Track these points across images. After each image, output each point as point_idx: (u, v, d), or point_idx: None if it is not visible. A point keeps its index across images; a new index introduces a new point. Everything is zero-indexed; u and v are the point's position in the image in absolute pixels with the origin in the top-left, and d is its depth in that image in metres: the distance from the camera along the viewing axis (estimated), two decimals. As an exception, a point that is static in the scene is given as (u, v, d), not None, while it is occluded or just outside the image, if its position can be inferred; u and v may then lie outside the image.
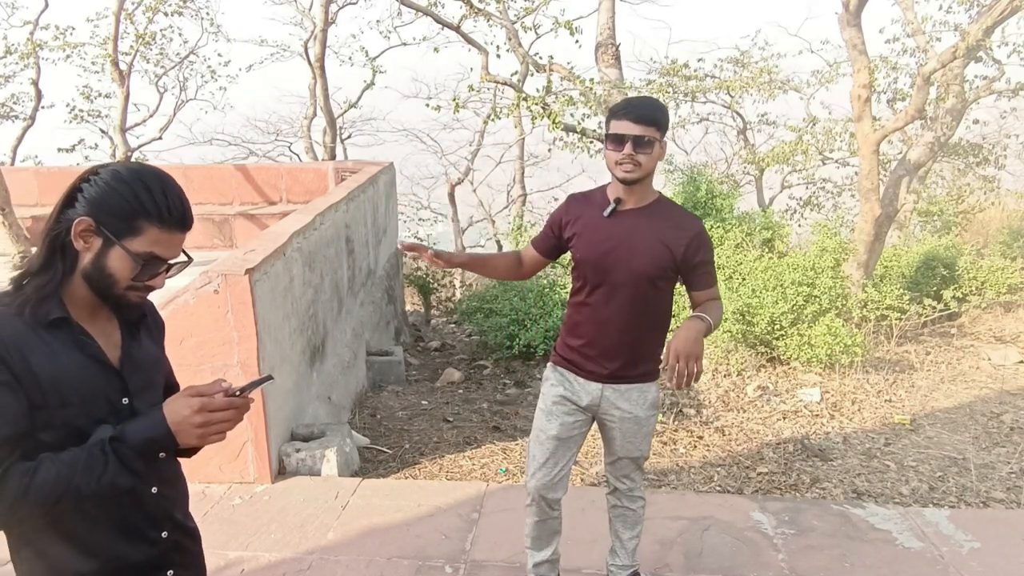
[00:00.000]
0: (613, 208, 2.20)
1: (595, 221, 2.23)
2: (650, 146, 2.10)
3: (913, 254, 8.88)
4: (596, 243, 2.22)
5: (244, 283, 3.36)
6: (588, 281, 2.26)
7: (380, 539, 3.14)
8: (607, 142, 2.14)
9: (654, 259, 2.17)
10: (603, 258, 2.20)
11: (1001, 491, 4.32)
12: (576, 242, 2.27)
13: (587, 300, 2.28)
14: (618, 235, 2.19)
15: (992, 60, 8.65)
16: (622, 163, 2.10)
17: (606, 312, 2.25)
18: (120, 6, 11.05)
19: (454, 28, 8.83)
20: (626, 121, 2.08)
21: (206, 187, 9.05)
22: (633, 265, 2.17)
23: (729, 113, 14.01)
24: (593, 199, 2.30)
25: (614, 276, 2.20)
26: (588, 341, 2.30)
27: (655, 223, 2.20)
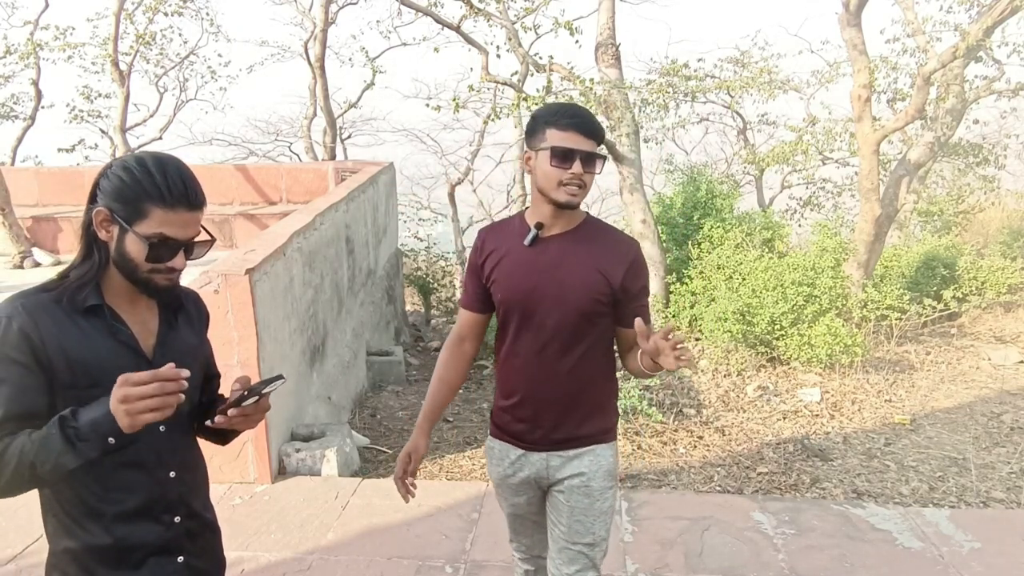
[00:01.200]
0: (535, 235, 1.82)
1: (515, 253, 1.85)
2: (598, 165, 1.78)
3: (913, 254, 8.88)
4: (518, 279, 1.84)
5: (244, 283, 3.36)
6: (514, 325, 1.88)
7: (380, 539, 3.14)
8: (551, 157, 1.73)
9: (588, 290, 1.81)
10: (528, 296, 1.83)
11: (1001, 491, 4.32)
12: (495, 281, 1.88)
13: (515, 349, 1.89)
14: (543, 266, 1.82)
15: (992, 60, 8.64)
16: (568, 184, 1.73)
17: (539, 361, 1.86)
18: (120, 6, 11.05)
19: (454, 28, 8.83)
20: (575, 134, 1.73)
21: (206, 187, 8.89)
22: (565, 300, 1.81)
23: (729, 113, 14.01)
24: (510, 228, 1.92)
25: (543, 316, 1.83)
26: (521, 399, 1.90)
27: (586, 248, 1.83)
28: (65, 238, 8.43)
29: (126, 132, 12.32)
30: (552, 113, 1.77)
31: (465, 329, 2.01)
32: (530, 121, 1.83)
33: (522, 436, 1.93)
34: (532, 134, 1.80)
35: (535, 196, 1.83)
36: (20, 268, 7.80)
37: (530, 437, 1.92)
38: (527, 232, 1.85)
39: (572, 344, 1.85)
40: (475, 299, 1.97)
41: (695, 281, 7.63)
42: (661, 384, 6.22)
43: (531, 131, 1.81)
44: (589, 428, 1.91)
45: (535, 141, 1.79)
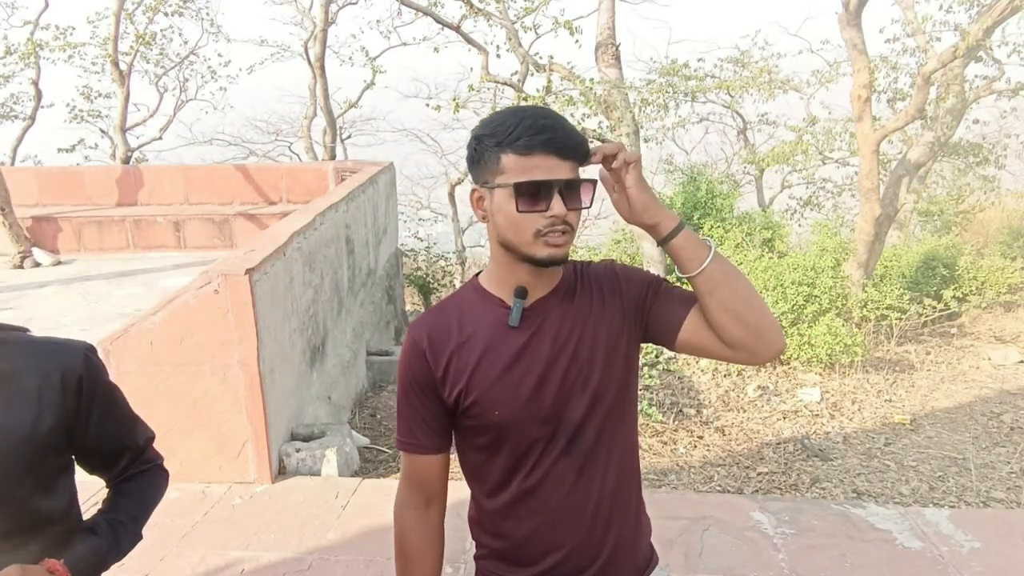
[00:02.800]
0: (520, 308, 1.22)
1: (495, 346, 1.22)
2: (586, 195, 1.19)
3: (913, 254, 8.89)
4: (520, 378, 1.22)
5: (244, 283, 3.36)
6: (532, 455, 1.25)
7: (380, 539, 3.14)
8: (516, 198, 1.14)
9: (618, 355, 1.26)
10: (545, 402, 1.22)
11: (1001, 491, 4.32)
12: (476, 393, 1.22)
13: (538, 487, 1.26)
14: (548, 347, 1.23)
15: (992, 60, 8.65)
16: (550, 233, 1.15)
17: (581, 487, 1.26)
18: (120, 6, 11.06)
19: (454, 28, 8.83)
20: (544, 155, 1.13)
21: (206, 187, 9.05)
22: (593, 383, 1.23)
23: (729, 113, 14.02)
24: (465, 309, 1.27)
25: (574, 418, 1.23)
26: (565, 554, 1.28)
27: (587, 299, 1.27)
28: (65, 238, 8.44)
29: (126, 132, 12.33)
30: (505, 129, 1.14)
31: (429, 484, 1.32)
32: (471, 144, 1.20)
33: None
34: (478, 163, 1.19)
35: (499, 254, 1.23)
36: (20, 268, 7.80)
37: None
38: (495, 307, 1.25)
39: (615, 437, 1.28)
40: (434, 433, 1.28)
41: (695, 281, 7.62)
42: (661, 384, 6.23)
43: (476, 158, 1.19)
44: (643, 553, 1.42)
45: (486, 174, 1.18)
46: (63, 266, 8.00)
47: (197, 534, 3.16)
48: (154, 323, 3.41)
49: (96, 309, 6.42)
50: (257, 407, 3.50)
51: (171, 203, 9.05)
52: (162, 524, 3.23)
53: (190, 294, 3.39)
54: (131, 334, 3.42)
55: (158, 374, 3.46)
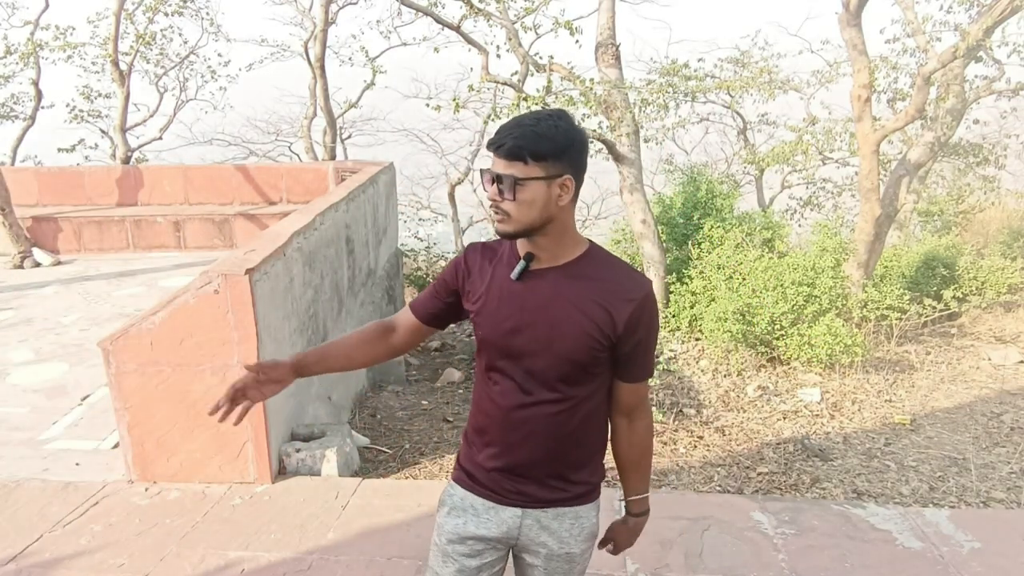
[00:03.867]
0: (523, 267, 1.55)
1: (501, 286, 1.58)
2: (521, 188, 1.44)
3: (913, 254, 8.88)
4: (503, 317, 1.57)
5: (244, 283, 3.36)
6: (495, 368, 1.62)
7: (380, 539, 3.14)
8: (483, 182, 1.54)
9: (582, 337, 1.53)
10: (512, 338, 1.56)
11: (1001, 491, 4.32)
12: (479, 315, 1.61)
13: (494, 395, 1.63)
14: (533, 305, 1.55)
15: (992, 60, 8.65)
16: (494, 211, 1.50)
17: (520, 413, 1.60)
18: (120, 6, 11.06)
19: (454, 28, 8.83)
20: (492, 154, 1.48)
21: (206, 187, 9.05)
22: (555, 346, 1.54)
23: (729, 113, 14.01)
24: (499, 254, 1.64)
25: (530, 362, 1.56)
26: (498, 451, 1.63)
27: (584, 286, 1.54)
28: (65, 238, 8.44)
29: (126, 132, 12.34)
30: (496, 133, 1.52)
31: (397, 324, 1.78)
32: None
33: (495, 487, 1.66)
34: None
35: None
36: (20, 268, 7.81)
37: (504, 490, 1.65)
38: (514, 261, 1.58)
39: (562, 395, 1.58)
40: (427, 311, 1.74)
41: (695, 281, 7.63)
42: (661, 384, 6.23)
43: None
44: (575, 486, 1.67)
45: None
46: (63, 266, 8.00)
47: (197, 534, 3.16)
48: (154, 323, 3.41)
49: (96, 309, 6.42)
50: (257, 407, 3.50)
51: (171, 203, 9.05)
52: (162, 524, 3.23)
53: (190, 294, 3.39)
54: (131, 334, 3.42)
55: (158, 374, 3.46)
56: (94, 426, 4.21)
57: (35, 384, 4.83)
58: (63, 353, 5.35)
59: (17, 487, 3.53)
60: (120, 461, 3.66)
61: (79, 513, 3.31)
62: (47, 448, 3.95)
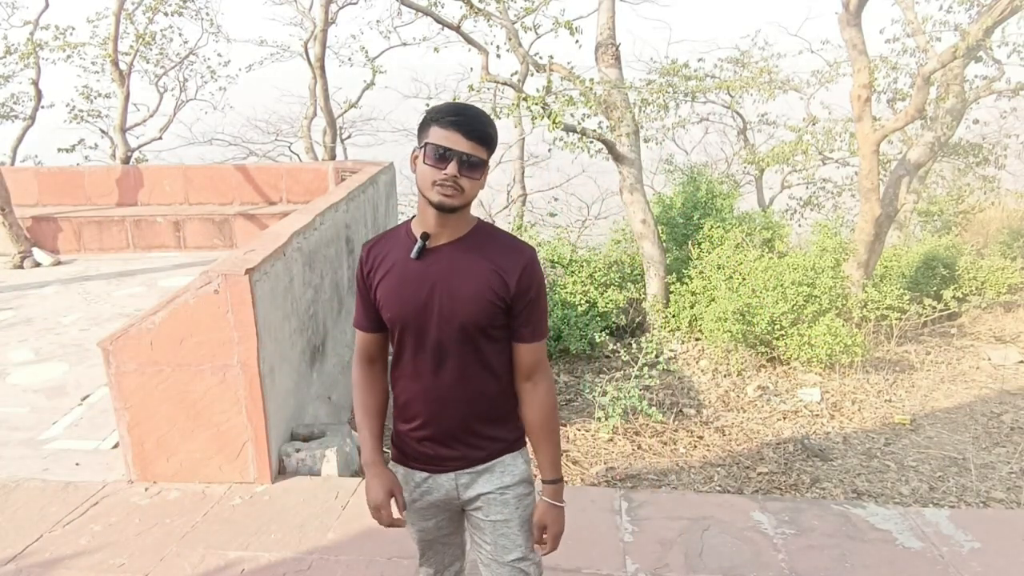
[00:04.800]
0: (421, 246, 1.69)
1: (401, 266, 1.72)
2: (479, 169, 1.63)
3: (913, 254, 8.88)
4: (407, 295, 1.70)
5: (244, 283, 3.36)
6: (408, 345, 1.75)
7: (380, 539, 3.14)
8: (425, 155, 1.62)
9: (482, 301, 1.69)
10: (420, 312, 1.70)
11: (1001, 491, 4.32)
12: (382, 297, 1.74)
13: (412, 370, 1.77)
14: (432, 278, 1.69)
15: (992, 60, 8.65)
16: (442, 185, 1.61)
17: (437, 380, 1.74)
18: (120, 6, 11.06)
19: (454, 28, 8.83)
20: (454, 133, 1.59)
21: (206, 187, 9.05)
22: (458, 314, 1.69)
23: (729, 113, 14.00)
24: (396, 238, 1.77)
25: (439, 332, 1.71)
26: (424, 422, 1.79)
27: (478, 255, 1.71)
28: (65, 238, 8.44)
29: (126, 132, 12.33)
30: (439, 111, 1.64)
31: (369, 351, 1.88)
32: (421, 118, 1.69)
33: (427, 459, 1.82)
34: (420, 131, 1.68)
35: (419, 201, 1.70)
36: (20, 268, 7.81)
37: (436, 459, 1.81)
38: (410, 242, 1.72)
39: (471, 359, 1.74)
40: (366, 318, 1.83)
41: (695, 281, 7.63)
42: (661, 384, 6.23)
43: (419, 128, 1.69)
44: (496, 441, 1.82)
45: (420, 138, 1.66)
46: (63, 266, 8.00)
47: (197, 534, 3.16)
48: (154, 323, 3.41)
49: (96, 309, 6.42)
50: (257, 407, 3.50)
51: (171, 203, 9.05)
52: (162, 524, 3.23)
53: (190, 294, 3.39)
54: (131, 334, 3.42)
55: (158, 374, 3.46)
56: (94, 426, 4.21)
57: (35, 384, 4.83)
58: (63, 353, 5.35)
59: (17, 487, 3.53)
60: (120, 461, 3.66)
61: (79, 513, 3.31)
62: (47, 448, 3.95)
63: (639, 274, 8.52)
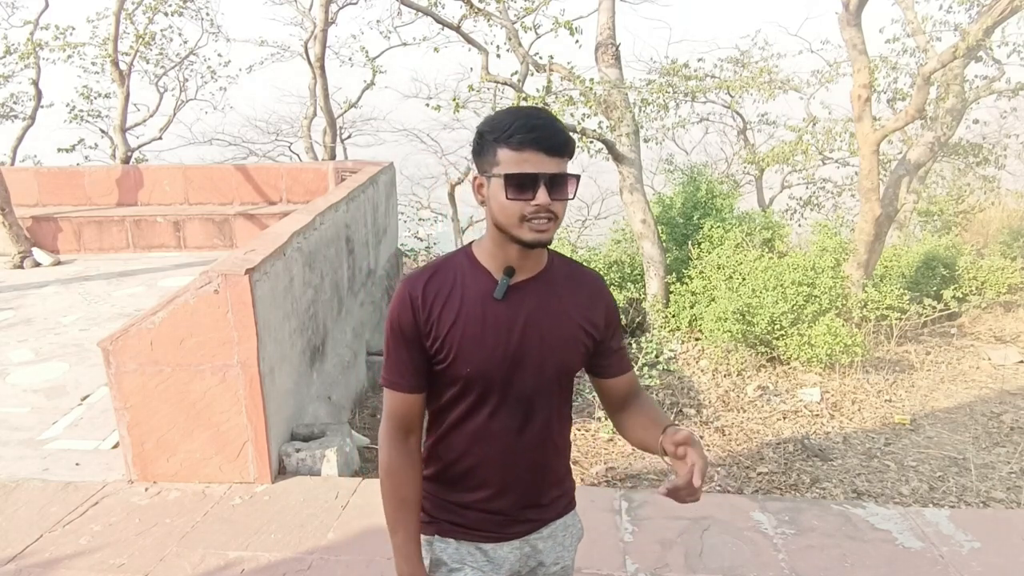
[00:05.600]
0: (507, 284, 1.42)
1: (478, 309, 1.41)
2: (571, 188, 1.36)
3: (913, 254, 8.88)
4: (493, 343, 1.41)
5: (244, 283, 3.36)
6: (485, 403, 1.46)
7: (380, 539, 3.14)
8: (506, 188, 1.32)
9: (577, 344, 1.49)
10: (508, 363, 1.42)
11: (1001, 491, 4.32)
12: (457, 348, 1.41)
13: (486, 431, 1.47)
14: (521, 321, 1.42)
15: (992, 60, 8.65)
16: (534, 219, 1.32)
17: (519, 441, 1.49)
18: (120, 6, 11.06)
19: (454, 28, 8.83)
20: (534, 152, 1.30)
21: (206, 187, 9.05)
22: (553, 361, 1.46)
23: (729, 113, 14.00)
24: (456, 274, 1.45)
25: (526, 385, 1.46)
26: (499, 490, 1.51)
27: (564, 291, 1.48)
28: (65, 238, 8.44)
29: (126, 132, 12.34)
30: (502, 127, 1.32)
31: (410, 419, 1.50)
32: (475, 138, 1.39)
33: (493, 527, 1.54)
34: (480, 155, 1.38)
35: (493, 233, 1.41)
36: (20, 268, 7.81)
37: (508, 529, 1.54)
38: (484, 278, 1.43)
39: (556, 412, 1.53)
40: (417, 375, 1.46)
41: (695, 281, 7.63)
42: (661, 384, 6.23)
43: (478, 151, 1.38)
44: (562, 500, 1.62)
45: (485, 164, 1.37)
46: (63, 266, 8.00)
47: (197, 534, 3.16)
48: (154, 323, 3.41)
49: (96, 309, 6.42)
50: (257, 407, 3.50)
51: (171, 203, 9.05)
52: (162, 524, 3.23)
53: (190, 294, 3.39)
54: (131, 334, 3.42)
55: (158, 374, 3.46)
56: (94, 426, 4.21)
57: (35, 384, 4.83)
58: (63, 353, 5.35)
59: (17, 487, 3.53)
60: (120, 461, 3.66)
61: (79, 513, 3.31)
62: (47, 448, 3.95)
63: (639, 274, 8.52)
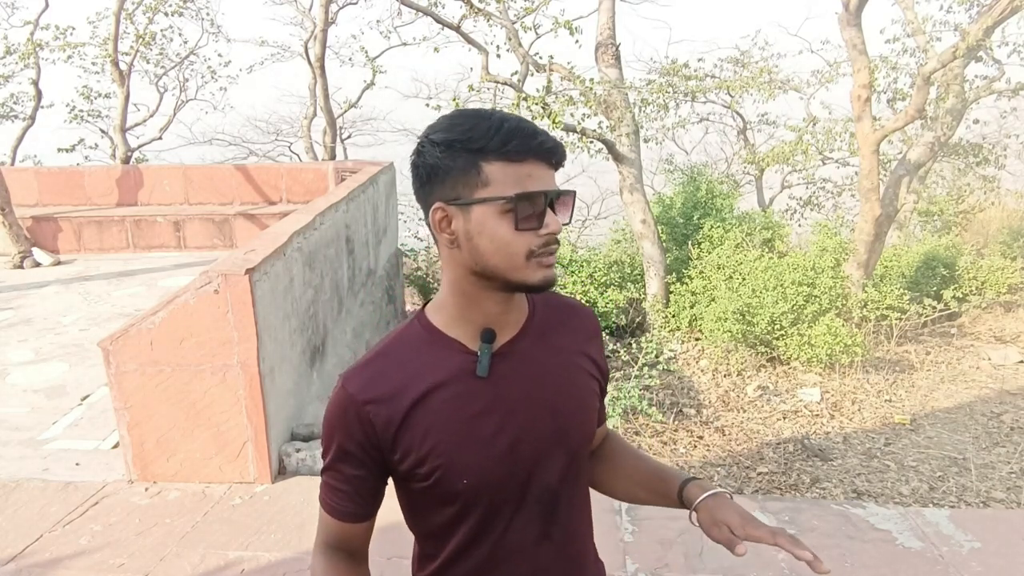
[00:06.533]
0: (488, 352, 1.04)
1: (456, 400, 1.03)
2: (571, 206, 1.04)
3: (913, 254, 8.88)
4: (491, 440, 1.04)
5: (244, 283, 3.36)
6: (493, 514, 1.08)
7: (380, 539, 3.13)
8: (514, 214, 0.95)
9: (592, 401, 1.15)
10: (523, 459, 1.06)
11: (1001, 491, 4.32)
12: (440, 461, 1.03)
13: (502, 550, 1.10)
14: (523, 398, 1.06)
15: (992, 60, 8.65)
16: (545, 254, 0.99)
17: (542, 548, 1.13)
18: (120, 6, 11.06)
19: (454, 28, 8.83)
20: (536, 163, 0.97)
21: (206, 187, 9.05)
22: (573, 438, 1.11)
23: (729, 113, 14.01)
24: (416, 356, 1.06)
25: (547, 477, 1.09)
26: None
27: (559, 339, 1.13)
28: (65, 238, 8.44)
29: (126, 132, 12.35)
30: (484, 132, 0.94)
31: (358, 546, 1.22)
32: (431, 152, 0.98)
33: None
34: (444, 175, 0.97)
35: (465, 285, 1.03)
36: (20, 268, 7.81)
37: None
38: (454, 353, 1.04)
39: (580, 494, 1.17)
40: (370, 501, 1.15)
41: (695, 281, 7.63)
42: (661, 384, 6.23)
43: (440, 170, 0.98)
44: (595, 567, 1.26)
45: (458, 187, 0.97)
46: (63, 266, 8.00)
47: (197, 534, 3.16)
48: (154, 323, 3.41)
49: (96, 309, 6.42)
50: (257, 407, 3.50)
51: (171, 203, 9.05)
52: (162, 524, 3.23)
53: (190, 294, 3.39)
54: (131, 334, 3.42)
55: (158, 374, 3.46)
56: (94, 426, 4.21)
57: (35, 384, 4.83)
58: (63, 353, 5.35)
59: (17, 487, 3.53)
60: (120, 461, 3.66)
61: (79, 513, 3.31)
62: (47, 448, 3.95)
63: (639, 274, 8.52)
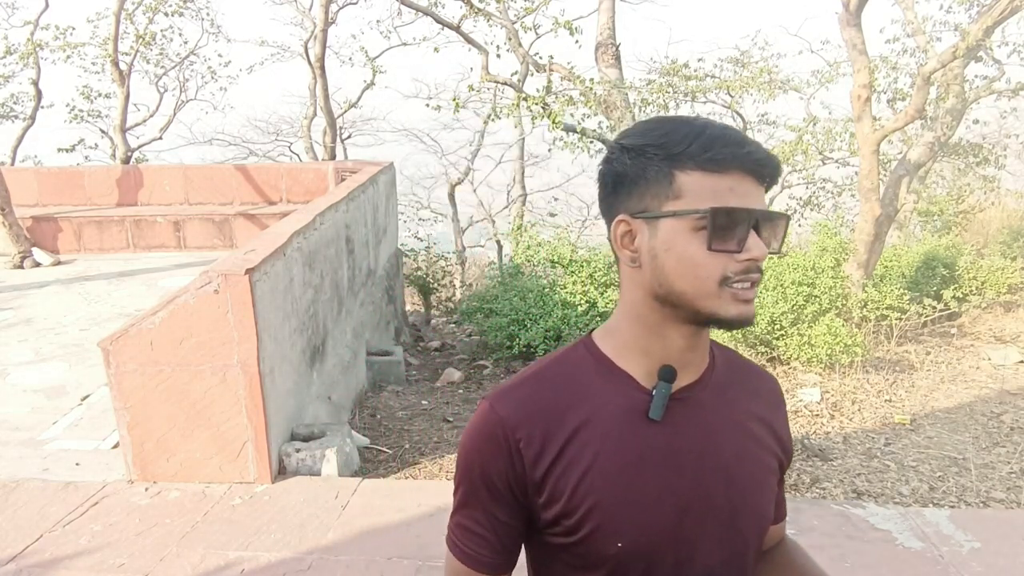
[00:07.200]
0: (666, 395, 0.88)
1: (626, 440, 0.88)
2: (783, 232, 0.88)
3: (913, 254, 8.88)
4: (657, 498, 0.88)
5: (244, 283, 3.36)
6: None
7: (380, 539, 3.14)
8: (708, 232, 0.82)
9: (770, 482, 0.97)
10: (688, 529, 0.89)
11: (1001, 491, 4.32)
12: (593, 513, 0.87)
13: None
14: (698, 456, 0.90)
15: (992, 60, 8.65)
16: (740, 282, 0.84)
17: None
18: (120, 6, 11.06)
19: (454, 28, 8.83)
20: (743, 176, 0.82)
21: (206, 187, 9.05)
22: (746, 518, 0.93)
23: (729, 113, 14.00)
24: (581, 383, 0.91)
25: (709, 559, 0.91)
26: None
27: (740, 400, 0.96)
28: (65, 238, 8.44)
29: (126, 132, 12.35)
30: (681, 138, 0.82)
31: None
32: (622, 157, 0.86)
33: None
34: (632, 185, 0.86)
35: (645, 311, 0.89)
36: (20, 268, 7.81)
37: None
38: (625, 388, 0.90)
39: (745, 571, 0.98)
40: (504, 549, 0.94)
41: (695, 281, 7.62)
42: (661, 384, 6.21)
43: (628, 178, 0.86)
44: None
45: (646, 198, 0.85)
46: (63, 266, 8.00)
47: (197, 534, 3.16)
48: (154, 323, 3.41)
49: (96, 309, 6.42)
50: (257, 407, 3.50)
51: (171, 203, 9.05)
52: (162, 524, 3.23)
53: (190, 294, 3.39)
54: (131, 334, 3.42)
55: (158, 374, 3.46)
56: (94, 426, 4.21)
57: (35, 384, 4.83)
58: (63, 353, 5.35)
59: (17, 487, 3.53)
60: (120, 461, 3.66)
61: (79, 513, 3.31)
62: (47, 448, 3.95)
63: (639, 274, 8.50)
